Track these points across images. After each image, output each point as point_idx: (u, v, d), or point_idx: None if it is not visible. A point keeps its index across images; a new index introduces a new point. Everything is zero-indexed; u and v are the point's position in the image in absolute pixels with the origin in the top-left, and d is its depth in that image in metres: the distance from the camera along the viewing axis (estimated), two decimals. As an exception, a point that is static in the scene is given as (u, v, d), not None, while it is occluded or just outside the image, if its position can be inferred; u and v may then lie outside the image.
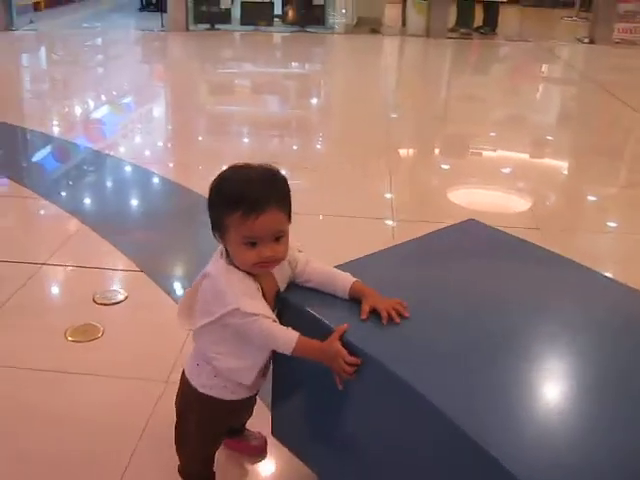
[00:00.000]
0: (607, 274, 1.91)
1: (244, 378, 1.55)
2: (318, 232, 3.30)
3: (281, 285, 1.56)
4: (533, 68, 8.86)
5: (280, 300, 1.56)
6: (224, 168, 1.49)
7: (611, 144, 5.36)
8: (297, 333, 1.43)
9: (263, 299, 1.47)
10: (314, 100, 7.13)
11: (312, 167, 4.47)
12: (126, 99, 6.59)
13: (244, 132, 5.60)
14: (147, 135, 5.47)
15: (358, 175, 4.35)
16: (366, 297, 1.49)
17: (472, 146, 5.31)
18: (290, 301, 1.55)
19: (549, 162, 5.08)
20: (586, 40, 10.22)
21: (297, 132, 5.72)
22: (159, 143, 5.27)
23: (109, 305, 2.69)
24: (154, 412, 2.04)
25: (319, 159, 4.87)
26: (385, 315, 1.44)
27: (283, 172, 1.50)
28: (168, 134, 5.65)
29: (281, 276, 1.55)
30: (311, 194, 3.78)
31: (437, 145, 5.47)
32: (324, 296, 1.55)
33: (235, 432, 1.91)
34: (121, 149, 4.89)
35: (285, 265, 1.54)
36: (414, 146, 5.38)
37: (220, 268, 1.47)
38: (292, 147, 5.29)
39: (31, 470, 1.87)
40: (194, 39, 9.94)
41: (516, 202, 4.02)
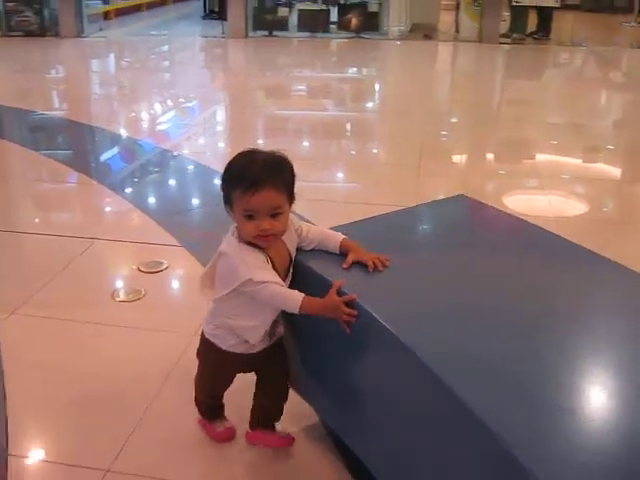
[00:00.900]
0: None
1: (251, 337, 1.83)
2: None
3: (292, 252, 1.82)
4: (580, 73, 8.91)
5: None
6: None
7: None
8: (302, 294, 1.66)
9: (272, 269, 1.71)
10: (369, 103, 7.41)
11: (363, 167, 4.65)
12: (190, 102, 7.02)
13: (300, 133, 5.90)
14: (208, 136, 5.86)
15: (409, 175, 4.43)
16: (352, 250, 1.78)
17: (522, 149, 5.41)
18: (297, 261, 1.81)
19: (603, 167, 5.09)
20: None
21: (352, 134, 5.97)
22: (219, 144, 5.66)
23: (152, 273, 3.06)
24: (181, 358, 2.40)
25: (371, 159, 5.09)
26: (371, 264, 1.72)
27: (339, 172, 1.74)
28: (227, 134, 6.02)
29: (291, 244, 1.81)
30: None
31: (489, 149, 5.58)
32: (324, 255, 1.82)
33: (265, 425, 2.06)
34: (183, 148, 5.25)
35: (293, 234, 1.82)
36: (465, 149, 5.53)
37: (232, 245, 1.73)
38: (348, 149, 5.49)
39: (73, 398, 2.25)
40: (253, 45, 10.41)
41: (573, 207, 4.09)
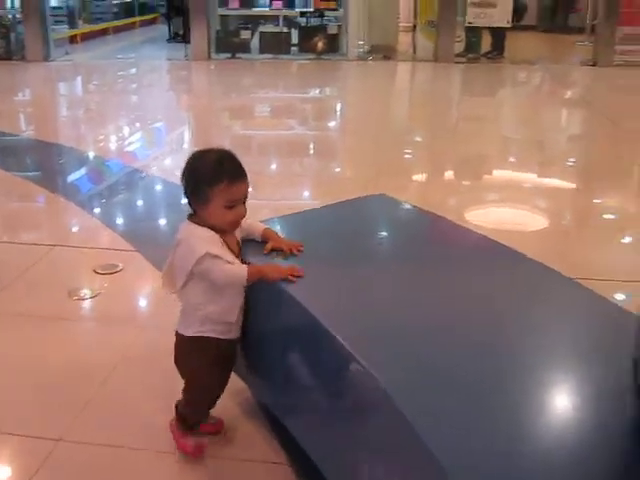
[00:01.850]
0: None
1: (228, 316, 1.95)
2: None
3: (240, 240, 2.02)
4: (533, 90, 9.36)
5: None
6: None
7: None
8: (246, 265, 1.88)
9: (227, 249, 1.89)
10: (331, 122, 7.69)
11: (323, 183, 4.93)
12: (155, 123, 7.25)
13: (264, 151, 6.13)
14: (174, 155, 6.02)
15: (368, 190, 4.48)
16: (271, 239, 2.04)
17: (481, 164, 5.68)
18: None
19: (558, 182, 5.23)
20: (590, 63, 10.70)
21: (314, 152, 6.24)
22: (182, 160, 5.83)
23: (107, 274, 3.29)
24: (132, 346, 2.63)
25: (331, 176, 5.34)
26: (287, 250, 1.99)
27: (301, 189, 1.96)
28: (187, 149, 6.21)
29: (238, 232, 2.02)
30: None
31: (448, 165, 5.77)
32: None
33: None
34: (150, 167, 5.44)
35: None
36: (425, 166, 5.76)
37: (187, 229, 1.90)
38: (310, 166, 5.75)
39: (28, 383, 2.45)
40: (216, 67, 10.74)
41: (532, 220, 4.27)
